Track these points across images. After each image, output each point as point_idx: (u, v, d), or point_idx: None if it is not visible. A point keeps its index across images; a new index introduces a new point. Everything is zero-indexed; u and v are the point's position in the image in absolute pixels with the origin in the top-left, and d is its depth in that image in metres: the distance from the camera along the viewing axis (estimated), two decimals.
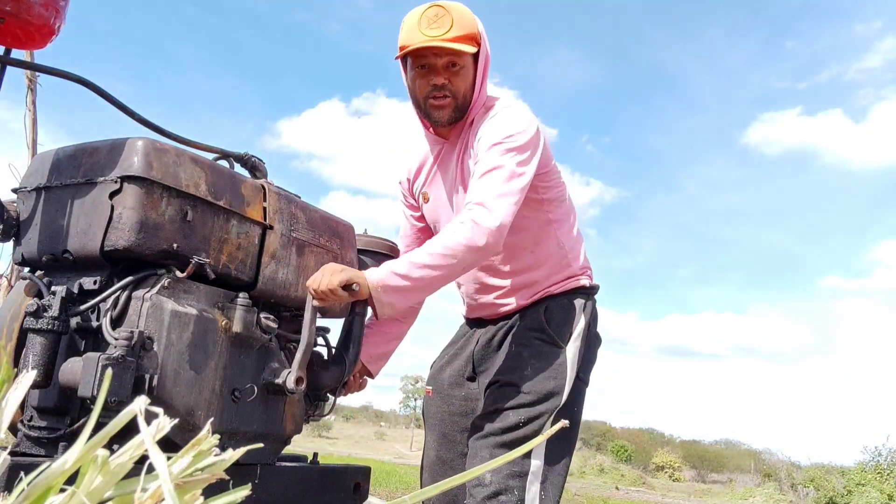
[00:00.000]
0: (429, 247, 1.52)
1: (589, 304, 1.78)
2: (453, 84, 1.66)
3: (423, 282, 1.51)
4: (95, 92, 1.54)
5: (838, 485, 16.42)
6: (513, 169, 1.57)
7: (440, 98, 1.68)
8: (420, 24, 1.62)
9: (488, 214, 1.52)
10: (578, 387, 1.71)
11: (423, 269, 1.50)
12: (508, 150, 1.59)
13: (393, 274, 1.50)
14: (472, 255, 1.52)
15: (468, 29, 1.63)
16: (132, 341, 1.29)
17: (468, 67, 1.66)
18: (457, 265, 1.52)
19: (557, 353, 1.68)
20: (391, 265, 1.52)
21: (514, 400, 1.64)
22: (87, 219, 1.40)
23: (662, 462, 31.46)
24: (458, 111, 1.70)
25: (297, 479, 1.69)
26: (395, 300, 1.52)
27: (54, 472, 0.53)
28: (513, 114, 1.67)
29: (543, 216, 1.75)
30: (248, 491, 0.55)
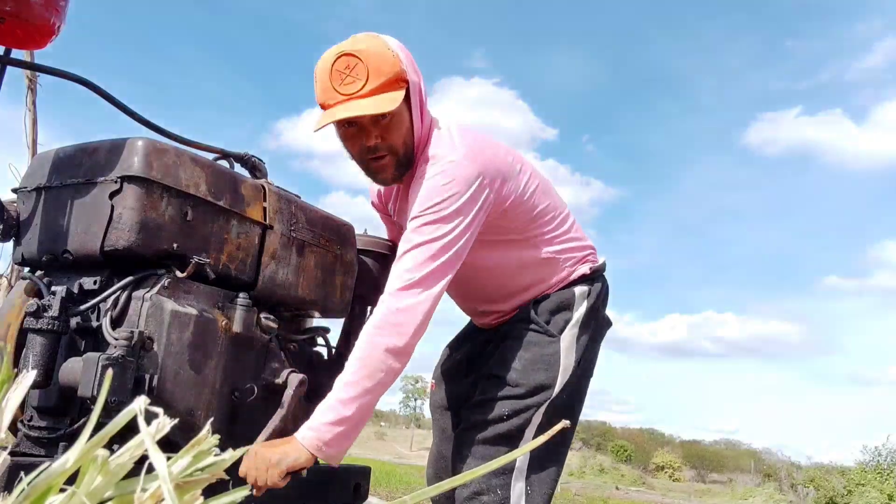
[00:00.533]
0: (349, 373, 1.40)
1: (594, 288, 1.69)
2: (387, 139, 1.51)
3: (360, 414, 1.39)
4: (95, 92, 1.54)
5: (838, 485, 16.42)
6: (435, 242, 1.45)
7: (378, 160, 1.54)
8: (333, 81, 1.45)
9: (401, 306, 1.41)
10: (576, 377, 1.64)
11: (354, 402, 1.37)
12: (432, 221, 1.46)
13: (327, 426, 1.36)
14: (398, 359, 1.41)
15: (387, 72, 1.44)
16: (132, 341, 1.29)
17: (401, 113, 1.50)
18: (388, 375, 1.41)
19: (549, 344, 1.62)
20: (320, 418, 1.37)
21: (500, 391, 1.59)
22: (87, 219, 1.40)
23: (662, 462, 31.48)
24: (403, 165, 1.56)
25: (297, 479, 1.69)
26: (342, 447, 1.39)
27: (54, 472, 0.53)
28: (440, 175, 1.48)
29: (517, 244, 1.65)
30: (248, 491, 0.55)
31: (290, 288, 1.65)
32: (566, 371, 1.61)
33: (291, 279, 1.66)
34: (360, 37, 1.50)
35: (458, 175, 1.48)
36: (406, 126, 1.53)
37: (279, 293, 1.64)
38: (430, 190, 1.48)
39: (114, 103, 1.58)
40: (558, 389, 1.60)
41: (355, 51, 1.44)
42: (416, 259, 1.44)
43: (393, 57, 1.47)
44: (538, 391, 1.58)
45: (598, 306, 1.71)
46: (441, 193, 1.46)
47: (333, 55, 1.46)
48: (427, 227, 1.46)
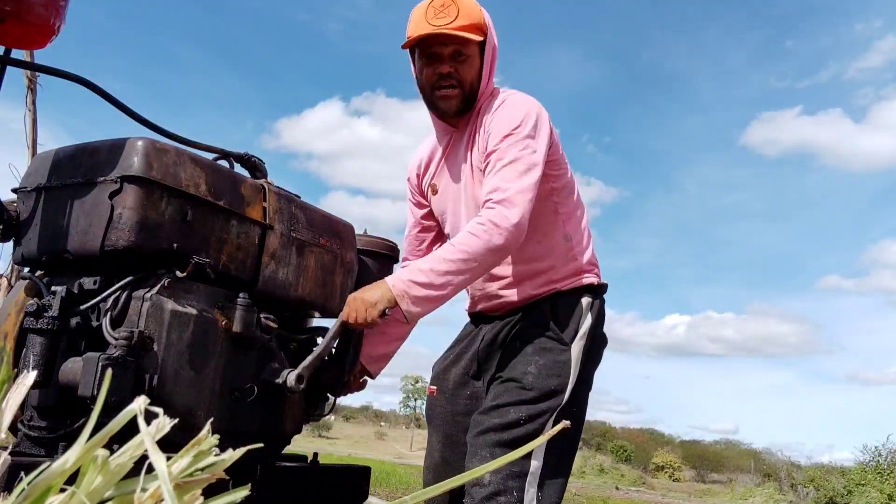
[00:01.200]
0: (448, 251, 1.54)
1: (596, 303, 1.75)
2: (459, 73, 1.67)
3: (447, 288, 1.53)
4: (95, 92, 1.54)
5: (838, 485, 16.41)
6: (525, 161, 1.58)
7: (447, 88, 1.68)
8: (426, 15, 1.63)
9: (505, 214, 1.53)
10: (582, 387, 1.68)
11: (445, 275, 1.51)
12: (518, 140, 1.60)
13: (415, 285, 1.51)
14: (492, 257, 1.55)
15: (474, 19, 1.64)
16: (132, 341, 1.29)
17: (474, 57, 1.67)
18: (478, 268, 1.54)
19: (562, 351, 1.65)
20: (411, 274, 1.53)
21: (515, 396, 1.61)
22: (87, 219, 1.40)
23: (662, 462, 31.47)
24: (466, 101, 1.70)
25: (297, 479, 1.69)
26: (421, 309, 1.54)
27: (54, 472, 0.53)
28: (519, 101, 1.67)
29: (551, 206, 1.73)
30: (248, 491, 0.55)
31: (290, 288, 1.65)
32: (574, 379, 1.65)
33: (291, 279, 1.65)
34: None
35: (530, 104, 1.67)
36: (476, 70, 1.69)
37: (279, 293, 1.63)
38: (509, 115, 1.64)
39: (114, 103, 1.58)
40: (567, 397, 1.63)
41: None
42: (512, 172, 1.57)
43: (482, 13, 1.68)
44: (550, 396, 1.61)
45: (600, 321, 1.76)
46: (520, 117, 1.63)
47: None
48: (516, 145, 1.60)
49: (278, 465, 1.68)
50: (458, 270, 1.52)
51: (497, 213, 1.53)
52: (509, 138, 1.60)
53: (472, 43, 1.64)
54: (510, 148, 1.60)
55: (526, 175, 1.57)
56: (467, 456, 1.65)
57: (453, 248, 1.53)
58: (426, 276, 1.52)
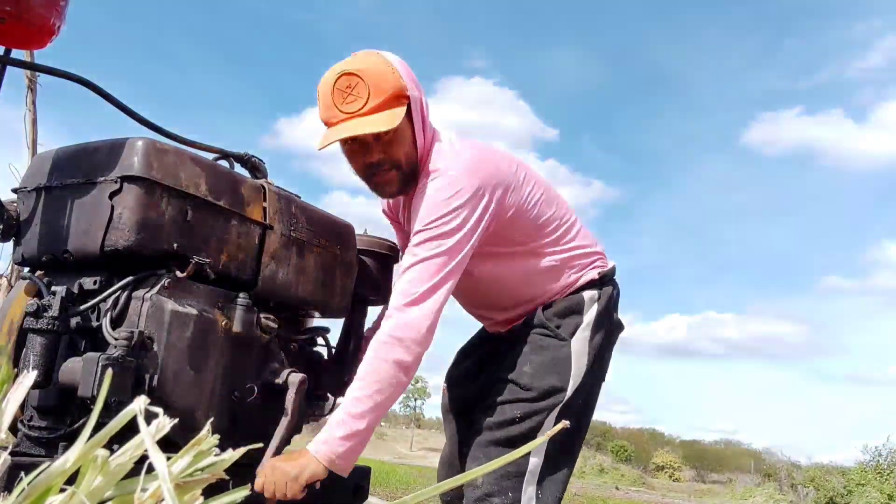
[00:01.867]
0: (358, 388, 1.43)
1: (604, 292, 1.70)
2: (390, 155, 1.54)
3: (369, 424, 1.43)
4: (95, 92, 1.54)
5: (838, 485, 16.42)
6: (437, 256, 1.48)
7: (382, 174, 1.57)
8: (335, 100, 1.48)
9: (406, 322, 1.45)
10: (590, 380, 1.64)
11: (363, 416, 1.42)
12: (433, 235, 1.48)
13: (339, 441, 1.41)
14: (405, 375, 1.46)
15: (388, 89, 1.47)
16: (132, 341, 1.29)
17: (402, 128, 1.52)
18: (394, 391, 1.45)
19: (561, 348, 1.62)
20: (330, 432, 1.42)
21: (512, 395, 1.59)
22: (87, 219, 1.40)
23: (662, 462, 31.48)
24: (407, 178, 1.58)
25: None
26: (353, 459, 1.45)
27: (54, 472, 0.53)
28: (441, 189, 1.51)
29: (522, 255, 1.66)
30: (247, 491, 0.55)
31: (290, 288, 1.65)
32: (578, 375, 1.61)
33: (291, 279, 1.65)
34: (361, 55, 1.53)
35: (459, 188, 1.50)
36: (408, 141, 1.56)
37: (279, 293, 1.63)
38: (431, 204, 1.50)
39: (114, 103, 1.58)
40: (570, 393, 1.60)
41: (356, 70, 1.47)
42: (420, 274, 1.47)
43: (393, 74, 1.49)
44: (550, 395, 1.58)
45: (609, 310, 1.71)
46: (442, 208, 1.49)
47: (335, 74, 1.49)
48: (429, 242, 1.49)
49: None
50: (375, 405, 1.43)
51: (399, 323, 1.45)
52: (425, 231, 1.49)
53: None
54: (423, 243, 1.49)
55: (437, 276, 1.47)
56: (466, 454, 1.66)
57: (363, 383, 1.44)
58: (345, 426, 1.41)
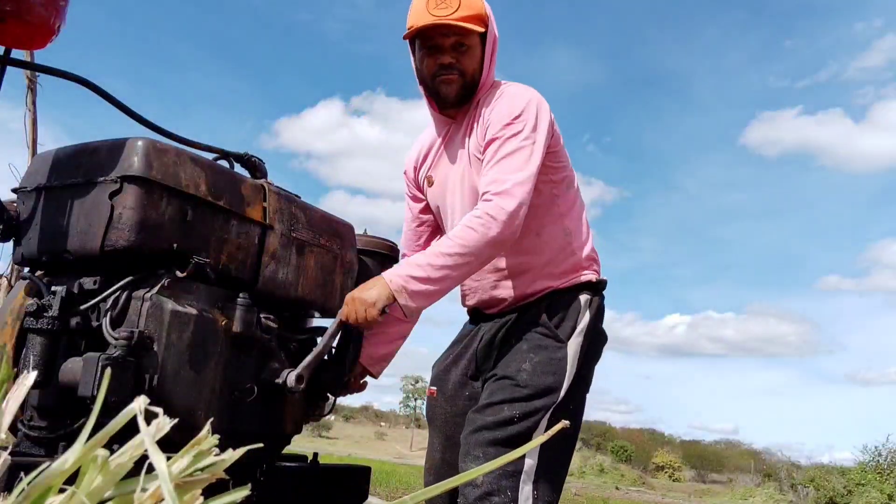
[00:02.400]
0: (445, 244, 1.53)
1: (595, 300, 1.72)
2: (461, 63, 1.67)
3: (444, 282, 1.53)
4: (95, 92, 1.54)
5: (838, 485, 16.43)
6: (523, 153, 1.58)
7: (449, 77, 1.68)
8: (428, 5, 1.63)
9: (502, 206, 1.53)
10: (579, 385, 1.66)
11: (443, 269, 1.51)
12: (517, 132, 1.60)
13: (413, 279, 1.51)
14: (489, 250, 1.55)
15: (475, 10, 1.64)
16: (132, 341, 1.29)
17: (476, 47, 1.68)
18: (475, 261, 1.54)
19: (558, 349, 1.63)
20: (408, 269, 1.53)
21: (509, 394, 1.59)
22: (87, 219, 1.40)
23: (662, 462, 31.49)
24: (466, 89, 1.70)
25: (297, 479, 1.69)
26: (419, 304, 1.54)
27: (54, 472, 0.53)
28: (519, 92, 1.68)
29: (550, 199, 1.72)
30: (248, 491, 0.55)
31: (290, 288, 1.65)
32: (571, 375, 1.62)
33: (291, 279, 1.65)
34: None
35: (530, 95, 1.67)
36: (477, 60, 1.69)
37: (279, 293, 1.63)
38: (510, 102, 1.65)
39: (114, 103, 1.58)
40: (563, 394, 1.60)
41: None
42: (510, 165, 1.58)
43: (482, 3, 1.68)
44: (545, 394, 1.59)
45: (597, 320, 1.73)
46: (520, 107, 1.63)
47: None
48: (514, 138, 1.60)
49: (278, 465, 1.68)
50: (455, 264, 1.52)
51: (494, 205, 1.53)
52: (508, 128, 1.61)
53: (473, 33, 1.65)
54: (508, 140, 1.60)
55: (524, 167, 1.57)
56: (460, 455, 1.62)
57: (450, 242, 1.53)
58: (424, 270, 1.51)
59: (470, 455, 1.59)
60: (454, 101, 1.72)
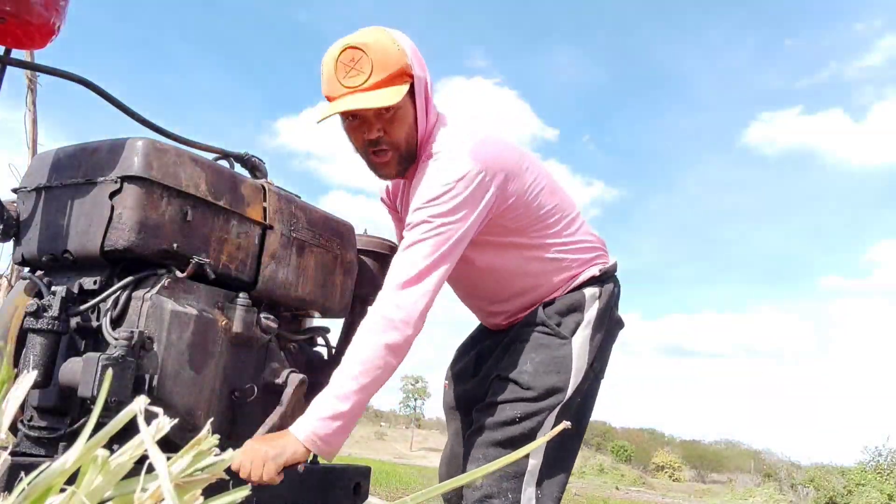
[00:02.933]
0: (346, 369, 1.39)
1: (605, 289, 1.67)
2: (390, 134, 1.51)
3: (356, 409, 1.38)
4: (95, 92, 1.54)
5: (838, 485, 16.43)
6: (430, 243, 1.45)
7: (380, 154, 1.54)
8: (337, 75, 1.46)
9: (398, 304, 1.41)
10: (588, 380, 1.62)
11: (349, 398, 1.37)
12: (430, 218, 1.45)
13: (323, 421, 1.36)
14: (394, 357, 1.41)
15: (391, 66, 1.45)
16: (132, 341, 1.29)
17: (404, 107, 1.50)
18: (384, 371, 1.40)
19: (561, 346, 1.59)
20: (316, 412, 1.37)
21: (512, 394, 1.57)
22: (87, 219, 1.40)
23: (662, 462, 31.48)
24: (405, 160, 1.56)
25: (296, 479, 1.69)
26: (337, 442, 1.39)
27: (54, 472, 0.53)
28: (444, 169, 1.48)
29: (522, 246, 1.64)
30: (248, 491, 0.55)
31: (290, 288, 1.65)
32: (578, 373, 1.59)
33: (291, 279, 1.65)
34: (368, 30, 1.49)
35: (459, 171, 1.47)
36: (410, 121, 1.53)
37: (279, 293, 1.63)
38: (428, 186, 1.48)
39: (114, 103, 1.58)
40: (571, 392, 1.57)
41: (360, 44, 1.44)
42: (414, 256, 1.44)
43: (398, 52, 1.46)
44: (550, 394, 1.56)
45: (610, 307, 1.69)
46: (439, 190, 1.46)
47: (339, 48, 1.46)
48: (426, 223, 1.46)
49: None
50: (360, 387, 1.37)
51: (390, 303, 1.41)
52: (422, 211, 1.46)
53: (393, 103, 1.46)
54: (420, 224, 1.46)
55: (433, 258, 1.44)
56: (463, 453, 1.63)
57: (349, 364, 1.39)
58: (328, 407, 1.36)
59: (471, 457, 1.58)
60: (397, 175, 1.60)
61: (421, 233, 1.45)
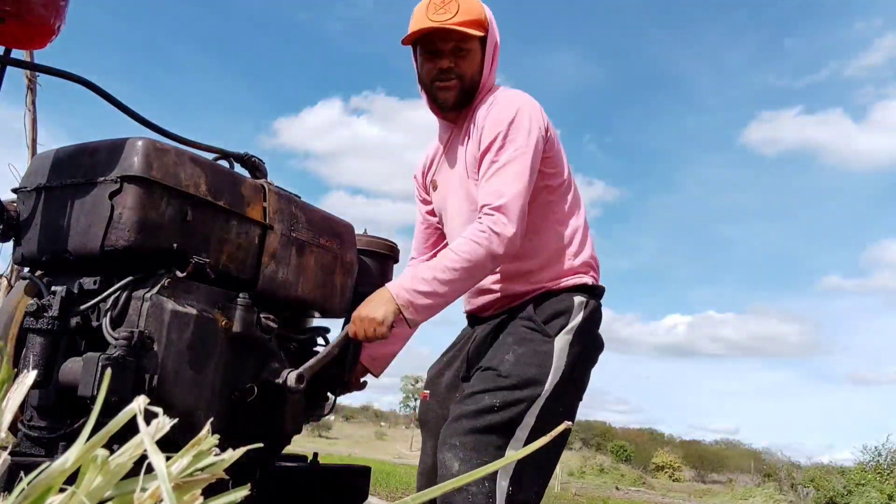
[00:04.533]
0: (450, 258, 1.55)
1: (591, 303, 1.70)
2: (459, 67, 1.68)
3: (449, 295, 1.56)
4: (95, 92, 1.54)
5: (838, 485, 16.42)
6: (517, 163, 1.59)
7: (446, 81, 1.70)
8: (427, 11, 1.65)
9: (504, 222, 1.55)
10: (566, 384, 1.61)
11: (447, 283, 1.54)
12: (510, 140, 1.61)
13: (419, 294, 1.53)
14: (491, 263, 1.57)
15: (475, 15, 1.66)
16: (132, 341, 1.29)
17: (475, 52, 1.69)
18: (478, 274, 1.57)
19: (544, 342, 1.61)
20: (414, 283, 1.54)
21: (491, 383, 1.58)
22: (87, 219, 1.40)
23: (662, 462, 31.48)
24: (465, 94, 1.71)
25: (297, 479, 1.70)
26: (425, 317, 1.57)
27: (54, 472, 0.53)
28: (510, 99, 1.67)
29: (544, 204, 1.71)
30: (247, 491, 0.55)
31: (290, 288, 1.65)
32: (557, 372, 1.59)
33: (291, 279, 1.66)
34: None
35: (524, 101, 1.67)
36: (477, 64, 1.71)
37: (279, 293, 1.64)
38: (504, 110, 1.65)
39: (114, 103, 1.58)
40: (548, 388, 1.57)
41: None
42: (507, 176, 1.59)
43: (481, 6, 1.70)
44: (528, 385, 1.57)
45: (592, 323, 1.70)
46: (514, 113, 1.63)
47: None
48: (509, 146, 1.61)
49: (278, 465, 1.68)
50: (459, 278, 1.54)
51: (496, 220, 1.55)
52: (500, 139, 1.61)
53: (472, 38, 1.66)
54: (502, 150, 1.61)
55: (520, 178, 1.58)
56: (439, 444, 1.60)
57: (455, 256, 1.54)
58: (429, 284, 1.53)
59: (447, 444, 1.57)
60: (452, 106, 1.74)
61: (508, 154, 1.61)
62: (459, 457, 1.54)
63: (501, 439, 1.55)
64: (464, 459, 1.52)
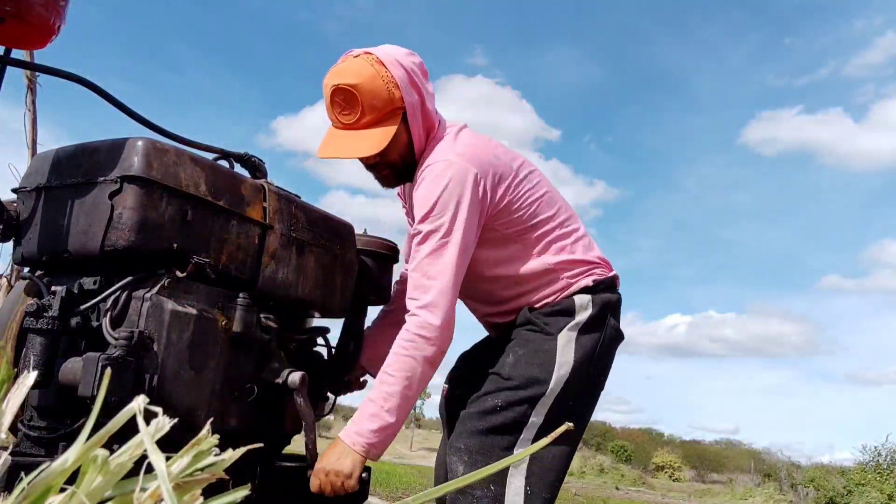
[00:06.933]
0: (388, 382, 1.53)
1: (598, 298, 1.67)
2: (386, 158, 1.64)
3: (401, 416, 1.54)
4: (95, 92, 1.54)
5: (838, 485, 16.43)
6: (446, 249, 1.54)
7: (379, 171, 1.69)
8: (333, 109, 1.60)
9: (430, 322, 1.52)
10: (578, 380, 1.60)
11: (394, 411, 1.52)
12: (438, 225, 1.54)
13: (372, 434, 1.52)
14: (431, 368, 1.54)
15: (380, 104, 1.56)
16: (132, 341, 1.29)
17: (398, 133, 1.60)
18: (422, 382, 1.54)
19: (545, 341, 1.61)
20: (363, 424, 1.52)
21: (493, 385, 1.59)
22: (87, 219, 1.40)
23: (662, 462, 31.50)
24: (404, 173, 1.69)
25: (297, 479, 1.69)
26: (385, 446, 1.56)
27: (54, 471, 0.53)
28: (439, 172, 1.56)
29: (520, 248, 1.67)
30: (247, 491, 0.55)
31: (290, 288, 1.65)
32: (562, 368, 1.58)
33: (291, 279, 1.65)
34: (357, 63, 1.58)
35: (452, 174, 1.55)
36: (404, 143, 1.63)
37: (279, 293, 1.63)
38: (425, 195, 1.56)
39: (114, 103, 1.58)
40: (553, 386, 1.57)
41: (350, 85, 1.55)
42: (430, 269, 1.55)
43: (387, 87, 1.56)
44: (531, 384, 1.57)
45: (604, 315, 1.68)
46: (435, 196, 1.54)
47: (330, 87, 1.58)
48: (432, 235, 1.55)
49: (278, 465, 1.68)
50: (403, 397, 1.52)
51: (421, 322, 1.53)
52: (427, 223, 1.56)
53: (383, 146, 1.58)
54: (429, 236, 1.56)
55: (447, 268, 1.53)
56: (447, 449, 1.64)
57: (392, 378, 1.52)
58: (378, 420, 1.51)
59: (452, 447, 1.59)
60: (396, 184, 1.75)
61: (430, 245, 1.55)
62: (464, 460, 1.55)
63: (508, 440, 1.56)
64: (468, 463, 1.54)
